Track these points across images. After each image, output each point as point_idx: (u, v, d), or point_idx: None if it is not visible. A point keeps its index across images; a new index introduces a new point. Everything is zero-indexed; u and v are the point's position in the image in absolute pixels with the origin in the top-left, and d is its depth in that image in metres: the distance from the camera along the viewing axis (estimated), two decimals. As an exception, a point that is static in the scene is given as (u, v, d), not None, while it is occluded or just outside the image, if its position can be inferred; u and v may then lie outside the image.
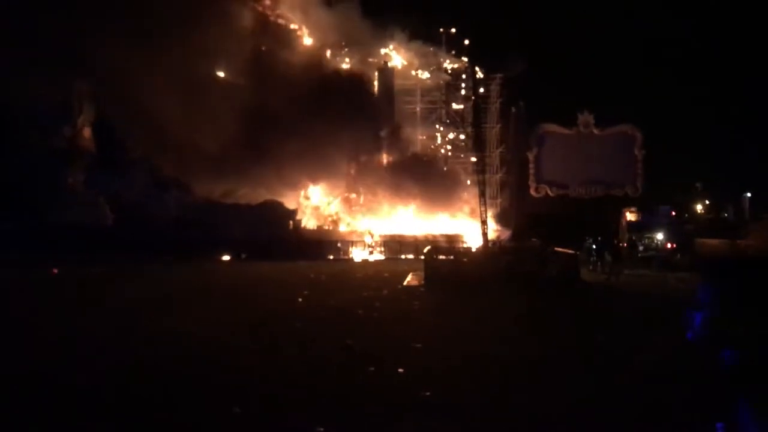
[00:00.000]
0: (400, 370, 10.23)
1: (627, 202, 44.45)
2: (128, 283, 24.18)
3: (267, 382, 9.62)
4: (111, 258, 31.65)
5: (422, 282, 24.10)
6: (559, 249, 27.45)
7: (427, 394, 8.89)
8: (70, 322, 15.05)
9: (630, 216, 39.66)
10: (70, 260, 29.81)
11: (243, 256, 38.46)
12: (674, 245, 34.61)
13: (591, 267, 29.44)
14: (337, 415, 7.99)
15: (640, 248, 34.83)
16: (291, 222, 44.81)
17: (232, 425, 7.65)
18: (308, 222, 46.85)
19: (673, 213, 39.32)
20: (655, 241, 35.41)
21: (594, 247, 30.33)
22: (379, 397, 8.87)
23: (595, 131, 48.33)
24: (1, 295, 20.56)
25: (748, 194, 43.23)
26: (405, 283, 24.65)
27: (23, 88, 37.20)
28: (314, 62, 47.01)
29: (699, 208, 50.93)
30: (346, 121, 44.46)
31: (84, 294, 21.12)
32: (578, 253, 27.93)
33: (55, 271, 27.42)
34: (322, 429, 7.36)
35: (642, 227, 36.67)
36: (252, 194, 47.32)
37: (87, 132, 43.34)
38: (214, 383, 9.52)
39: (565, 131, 48.79)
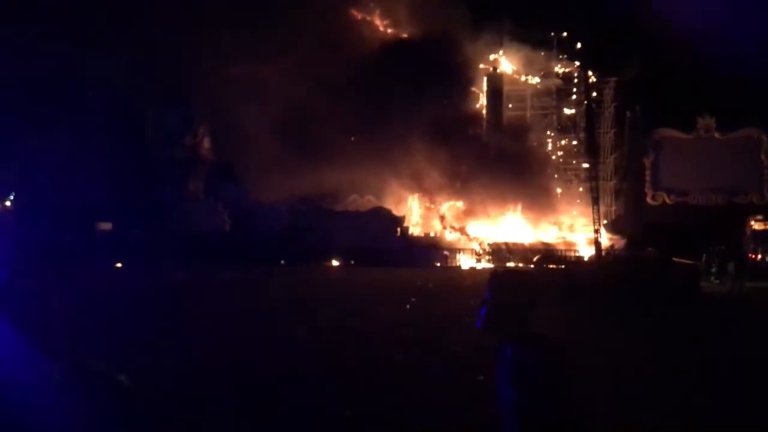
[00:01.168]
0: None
1: (752, 210, 41.91)
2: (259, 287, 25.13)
3: (376, 390, 9.75)
4: (230, 264, 32.96)
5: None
6: (678, 259, 26.31)
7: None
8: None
9: (756, 225, 37.37)
10: (193, 266, 31.24)
11: (351, 262, 39.23)
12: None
13: (713, 278, 27.96)
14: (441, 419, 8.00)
15: (767, 259, 32.81)
16: (399, 229, 45.25)
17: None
18: (415, 229, 47.14)
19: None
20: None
21: (717, 257, 28.77)
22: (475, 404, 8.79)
23: (717, 136, 46.05)
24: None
25: None
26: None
27: (149, 100, 39.61)
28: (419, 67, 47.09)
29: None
30: (455, 130, 44.52)
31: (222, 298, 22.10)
32: (698, 263, 26.65)
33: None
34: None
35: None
36: (360, 201, 48.24)
37: (207, 142, 45.58)
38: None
39: (684, 136, 46.78)
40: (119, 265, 33.81)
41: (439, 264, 40.09)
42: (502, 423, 2.79)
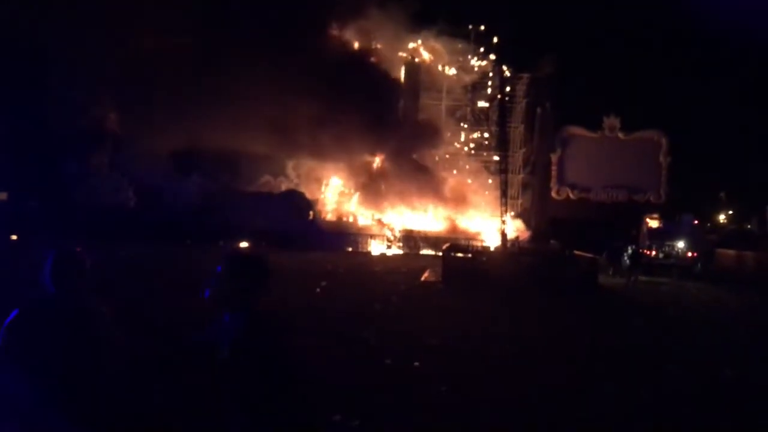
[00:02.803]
0: (416, 364, 10.27)
1: (649, 209, 44.12)
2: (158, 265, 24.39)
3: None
4: (134, 241, 31.91)
5: (440, 279, 24.11)
6: (579, 252, 27.37)
7: (443, 389, 8.92)
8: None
9: (651, 222, 39.33)
10: (93, 242, 30.01)
11: (262, 244, 38.70)
12: (695, 254, 34.31)
13: (611, 272, 29.33)
14: (354, 404, 8.03)
15: (661, 256, 34.60)
16: (311, 213, 45.01)
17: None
18: (328, 214, 47.01)
19: (696, 222, 38.90)
20: (676, 249, 35.09)
21: (614, 252, 30.21)
22: (394, 389, 8.93)
23: (620, 136, 48.05)
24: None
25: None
26: (422, 279, 24.68)
27: (56, 68, 37.59)
28: (343, 50, 46.72)
29: (722, 218, 50.44)
30: (370, 113, 44.50)
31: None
32: (598, 257, 27.81)
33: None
34: (338, 416, 7.42)
35: (663, 234, 36.32)
36: (273, 183, 47.64)
37: (113, 115, 43.78)
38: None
39: (590, 134, 48.58)
40: (14, 237, 32.13)
41: (350, 249, 40.19)
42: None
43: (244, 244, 38.72)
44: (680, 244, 35.18)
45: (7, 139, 36.93)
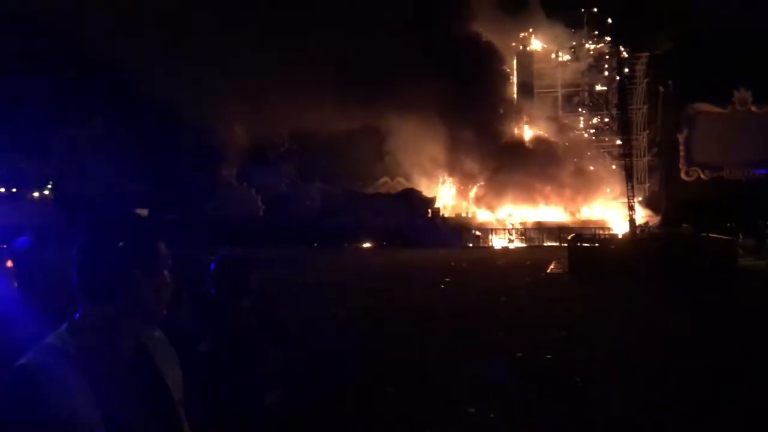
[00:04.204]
0: (548, 356, 10.22)
1: (790, 184, 41.17)
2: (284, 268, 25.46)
3: (418, 366, 9.93)
4: (263, 246, 33.36)
5: (566, 270, 23.66)
6: (714, 235, 26.00)
7: (578, 380, 8.85)
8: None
9: (795, 199, 36.66)
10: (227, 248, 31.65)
11: (383, 243, 39.47)
12: None
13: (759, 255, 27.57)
14: (488, 398, 8.13)
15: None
16: (429, 210, 45.32)
17: (389, 405, 7.98)
18: (447, 210, 47.14)
19: None
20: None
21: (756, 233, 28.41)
22: (527, 382, 8.95)
23: (754, 109, 45.09)
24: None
25: None
26: (548, 270, 24.31)
27: (181, 88, 39.95)
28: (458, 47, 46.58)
29: None
30: (485, 109, 44.29)
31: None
32: (735, 239, 26.29)
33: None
34: (473, 409, 7.55)
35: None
36: (391, 183, 48.38)
37: (239, 128, 45.97)
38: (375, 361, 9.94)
39: (719, 110, 45.95)
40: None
41: (471, 244, 40.12)
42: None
43: (367, 245, 39.57)
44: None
45: (146, 162, 39.74)
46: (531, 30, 49.19)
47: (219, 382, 3.47)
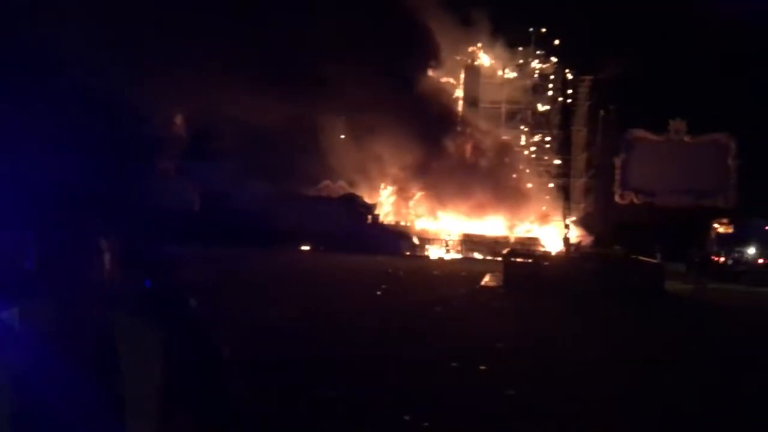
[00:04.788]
0: (483, 368, 10.25)
1: (717, 214, 42.73)
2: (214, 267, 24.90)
3: (351, 374, 9.80)
4: (198, 243, 32.61)
5: (500, 283, 23.93)
6: (643, 258, 26.79)
7: (511, 392, 8.88)
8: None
9: (720, 228, 38.09)
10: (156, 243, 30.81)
11: (321, 247, 39.20)
12: (766, 261, 33.10)
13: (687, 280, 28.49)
14: (423, 406, 8.07)
15: (729, 262, 33.49)
16: (370, 216, 45.27)
17: (324, 411, 7.83)
18: (386, 217, 47.19)
19: (767, 227, 37.49)
20: (746, 256, 33.90)
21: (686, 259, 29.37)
22: (461, 391, 8.94)
23: (687, 139, 46.76)
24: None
25: None
26: (483, 283, 24.55)
27: (123, 75, 38.77)
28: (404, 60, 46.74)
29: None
30: (429, 120, 44.59)
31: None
32: (662, 263, 27.16)
33: None
34: (408, 417, 7.48)
35: (732, 240, 35.15)
36: (332, 187, 48.13)
37: (180, 119, 44.95)
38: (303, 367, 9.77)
39: (655, 137, 47.44)
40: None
41: (408, 253, 40.24)
42: None
43: (305, 248, 39.17)
44: (750, 250, 33.98)
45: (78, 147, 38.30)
46: (479, 44, 49.75)
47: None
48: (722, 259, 33.20)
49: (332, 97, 43.56)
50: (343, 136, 46.45)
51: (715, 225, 38.58)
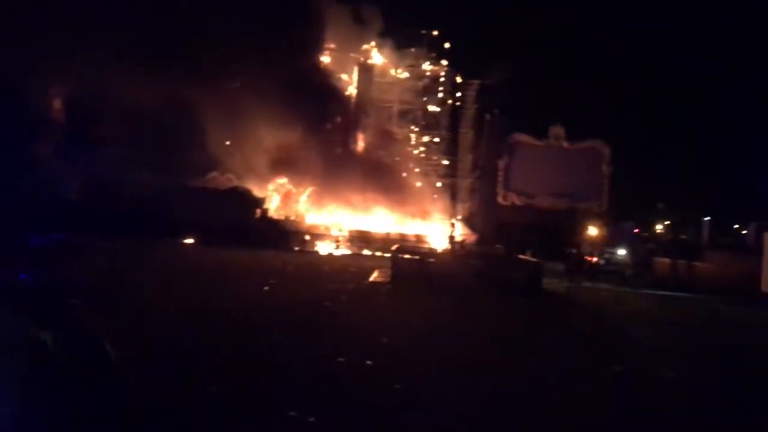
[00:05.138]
0: (369, 362, 10.42)
1: (591, 217, 45.25)
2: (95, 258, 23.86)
3: (237, 369, 9.72)
4: (74, 231, 31.13)
5: (388, 279, 24.31)
6: (523, 257, 28.01)
7: (397, 386, 9.09)
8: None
9: (593, 230, 40.38)
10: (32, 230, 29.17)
11: (207, 240, 38.35)
12: (634, 261, 35.42)
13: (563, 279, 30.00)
14: (309, 401, 8.13)
15: (602, 262, 35.58)
16: (258, 210, 44.65)
17: (210, 407, 7.73)
18: (276, 212, 46.70)
19: (636, 230, 40.18)
20: (616, 257, 36.16)
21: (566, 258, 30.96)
22: (348, 386, 9.07)
23: (565, 145, 49.12)
24: None
25: (708, 218, 44.34)
26: (371, 279, 24.84)
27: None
28: (296, 54, 46.42)
29: (659, 227, 52.08)
30: (320, 115, 44.55)
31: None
32: (541, 262, 28.48)
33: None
34: (294, 413, 7.50)
35: (605, 242, 37.39)
36: (220, 179, 47.08)
37: (58, 103, 42.58)
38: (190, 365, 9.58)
39: (536, 142, 49.53)
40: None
41: (298, 248, 40.07)
42: None
43: (189, 241, 38.25)
44: (620, 252, 36.26)
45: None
46: (373, 43, 50.21)
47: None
48: (595, 259, 35.24)
49: (220, 88, 42.69)
50: (232, 129, 45.49)
51: (589, 227, 40.91)
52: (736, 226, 52.85)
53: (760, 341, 18.66)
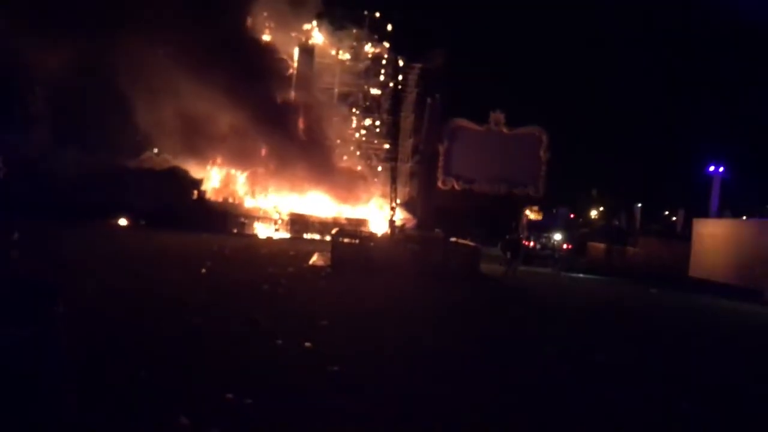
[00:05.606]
0: (308, 344, 10.31)
1: (528, 201, 46.12)
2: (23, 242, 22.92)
3: (174, 352, 9.48)
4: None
5: (328, 263, 24.18)
6: (462, 241, 28.25)
7: (335, 368, 9.02)
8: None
9: (530, 215, 41.15)
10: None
11: (141, 222, 37.42)
12: (570, 246, 36.28)
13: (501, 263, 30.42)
14: (246, 384, 7.98)
15: (538, 247, 36.32)
16: (196, 192, 43.77)
17: (145, 391, 7.50)
18: (213, 194, 45.86)
19: (571, 216, 41.13)
20: (553, 241, 36.95)
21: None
22: (286, 368, 8.95)
23: (505, 130, 49.74)
24: None
25: (639, 205, 45.73)
26: (311, 262, 24.66)
27: None
28: (234, 29, 45.35)
29: (594, 213, 53.50)
30: (260, 96, 43.78)
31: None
32: (479, 246, 28.81)
33: None
34: (231, 395, 7.35)
35: (541, 227, 38.15)
36: (156, 159, 45.89)
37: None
38: (121, 350, 9.28)
39: (476, 127, 49.99)
40: None
41: (236, 231, 39.50)
42: None
43: (123, 222, 37.35)
44: (556, 236, 37.07)
45: None
46: (315, 23, 49.57)
47: None
48: (532, 243, 35.94)
49: (152, 61, 41.42)
50: (166, 106, 44.30)
51: (527, 212, 41.67)
52: (666, 212, 54.78)
53: (687, 324, 19.37)
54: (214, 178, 47.20)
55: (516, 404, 8.47)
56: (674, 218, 48.05)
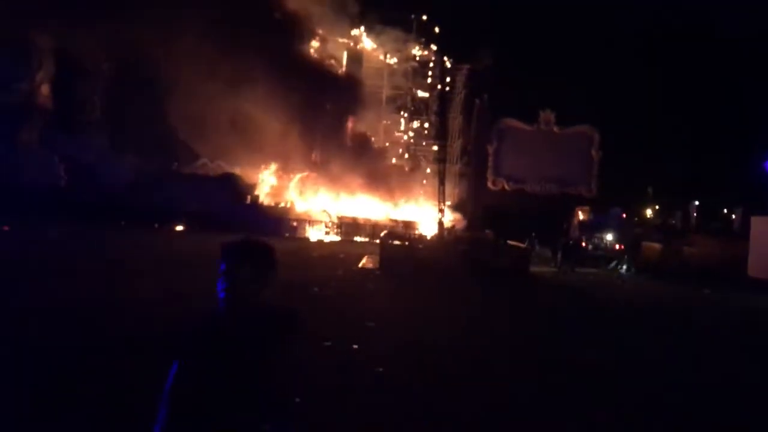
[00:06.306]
0: (355, 346, 10.51)
1: (580, 201, 45.46)
2: (87, 247, 23.83)
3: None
4: (64, 220, 30.98)
5: (377, 265, 24.41)
6: (512, 242, 28.14)
7: (380, 370, 9.19)
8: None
9: (582, 215, 40.59)
10: (22, 220, 29.03)
11: (198, 227, 38.32)
12: (622, 246, 35.66)
13: (552, 263, 30.23)
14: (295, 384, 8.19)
15: (590, 247, 35.82)
16: (249, 197, 44.62)
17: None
18: (266, 198, 46.68)
19: (624, 215, 40.40)
20: (605, 242, 36.40)
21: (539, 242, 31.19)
22: (334, 369, 9.15)
23: (555, 129, 49.21)
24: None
25: (696, 203, 44.62)
26: (360, 265, 24.94)
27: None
28: (286, 39, 46.15)
29: (648, 212, 52.31)
30: (311, 102, 44.41)
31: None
32: (529, 247, 28.67)
33: (6, 228, 26.68)
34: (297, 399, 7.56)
35: (593, 227, 37.60)
36: (210, 166, 46.97)
37: (45, 89, 42.26)
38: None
39: (526, 127, 49.58)
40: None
41: (288, 234, 40.09)
42: None
43: (180, 228, 38.30)
44: (608, 237, 36.51)
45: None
46: (363, 28, 50.03)
47: None
48: (584, 244, 35.48)
49: (209, 73, 42.42)
50: (221, 114, 45.33)
51: (578, 212, 41.12)
52: (725, 210, 53.16)
53: (742, 326, 18.90)
54: (267, 183, 48.02)
55: (557, 406, 8.49)
56: (733, 216, 46.69)
